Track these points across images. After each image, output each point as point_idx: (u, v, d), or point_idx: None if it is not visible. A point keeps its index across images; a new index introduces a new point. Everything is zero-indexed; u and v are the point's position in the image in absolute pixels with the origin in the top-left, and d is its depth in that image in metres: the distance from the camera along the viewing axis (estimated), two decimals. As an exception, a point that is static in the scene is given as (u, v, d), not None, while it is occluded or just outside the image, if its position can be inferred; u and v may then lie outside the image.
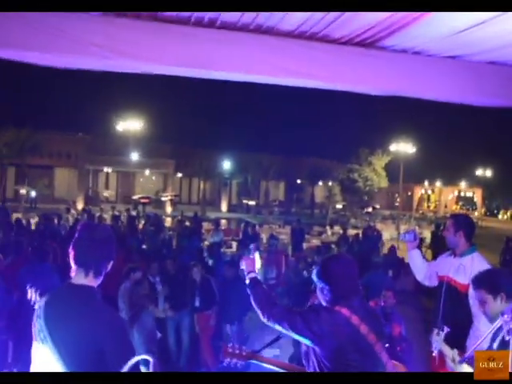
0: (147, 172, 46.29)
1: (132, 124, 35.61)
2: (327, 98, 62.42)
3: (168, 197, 40.64)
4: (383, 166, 38.92)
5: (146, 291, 6.27)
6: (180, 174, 47.14)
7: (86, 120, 47.29)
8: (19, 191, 34.62)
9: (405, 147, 35.09)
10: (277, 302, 2.81)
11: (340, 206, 43.98)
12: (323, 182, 47.83)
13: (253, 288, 2.84)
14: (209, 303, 6.75)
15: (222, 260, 10.25)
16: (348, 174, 39.30)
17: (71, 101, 56.71)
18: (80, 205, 34.55)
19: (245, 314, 6.71)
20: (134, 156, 39.14)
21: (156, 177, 47.61)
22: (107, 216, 20.05)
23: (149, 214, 22.03)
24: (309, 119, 79.58)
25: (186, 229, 14.95)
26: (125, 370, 2.02)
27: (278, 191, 53.36)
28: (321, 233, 24.37)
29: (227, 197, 47.95)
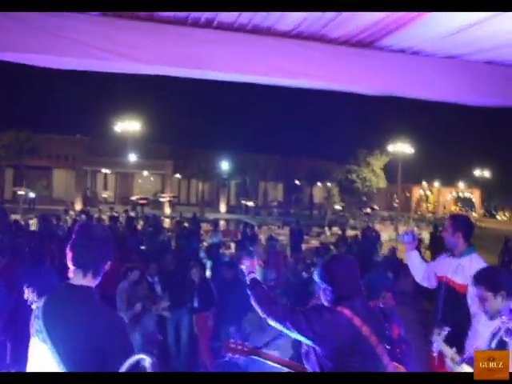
0: (145, 173, 46.30)
1: (130, 125, 35.69)
2: (325, 99, 62.59)
3: (166, 198, 40.62)
4: (381, 167, 39.00)
5: (145, 291, 6.26)
6: (178, 175, 47.12)
7: (84, 121, 47.40)
8: (17, 193, 34.56)
9: (403, 148, 35.13)
10: (278, 302, 2.80)
11: (339, 207, 43.98)
12: (322, 183, 47.87)
13: (253, 288, 2.83)
14: (207, 304, 6.74)
15: (221, 261, 10.23)
16: (346, 175, 39.38)
17: (69, 102, 56.76)
18: (78, 206, 34.50)
19: (244, 315, 6.70)
20: (133, 157, 39.19)
21: (154, 178, 47.59)
22: (105, 217, 20.01)
23: (147, 215, 21.99)
24: (307, 120, 79.72)
25: (185, 230, 14.92)
26: (123, 370, 2.02)
27: (277, 192, 53.37)
28: (320, 234, 24.35)
29: (226, 198, 47.96)
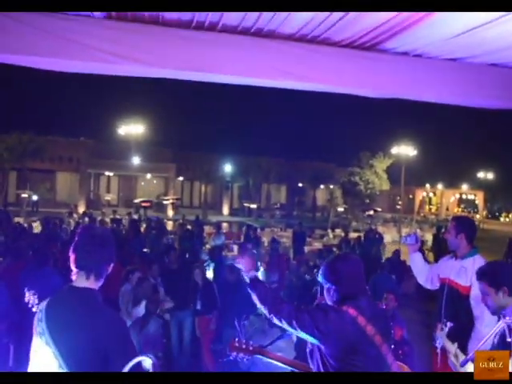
0: (149, 176, 46.33)
1: (134, 128, 35.74)
2: (328, 101, 62.54)
3: (169, 200, 40.62)
4: (384, 169, 38.90)
5: (149, 293, 6.26)
6: (181, 178, 47.15)
7: (88, 124, 47.45)
8: (21, 195, 34.63)
9: (406, 150, 35.01)
10: (282, 300, 2.78)
11: (341, 209, 43.90)
12: (325, 185, 47.78)
13: (255, 287, 2.75)
14: (209, 307, 6.73)
15: (224, 263, 10.23)
16: (349, 177, 39.29)
17: (73, 105, 56.79)
18: (82, 209, 34.54)
19: (247, 318, 6.68)
20: (136, 160, 39.21)
21: (157, 181, 47.61)
22: (109, 220, 20.04)
23: (150, 218, 22.01)
24: (310, 122, 79.57)
25: (188, 232, 14.93)
26: (126, 371, 2.02)
27: (280, 194, 53.31)
28: (322, 236, 24.34)
29: (229, 200, 47.94)
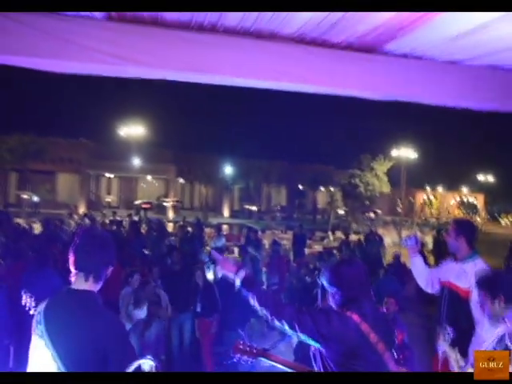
0: (149, 177, 46.34)
1: (134, 129, 35.79)
2: (328, 103, 62.51)
3: (170, 202, 40.65)
4: (385, 172, 38.84)
5: (150, 296, 6.26)
6: (182, 180, 47.16)
7: (89, 125, 47.54)
8: (21, 196, 34.64)
9: (406, 152, 35.04)
10: (283, 302, 2.75)
11: (342, 212, 43.88)
12: (325, 188, 47.77)
13: (251, 288, 2.62)
14: (210, 310, 6.71)
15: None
16: (350, 180, 39.24)
17: (74, 106, 56.89)
18: (82, 210, 34.54)
19: (247, 320, 6.67)
20: (136, 161, 39.25)
21: (158, 182, 47.62)
22: (109, 221, 20.03)
23: (151, 220, 22.00)
24: (310, 125, 79.60)
25: (188, 234, 14.92)
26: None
27: (280, 197, 53.30)
28: (323, 238, 24.28)
29: (229, 202, 47.95)
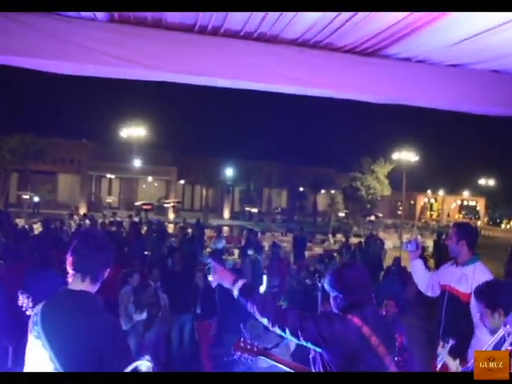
0: (150, 179, 46.38)
1: (135, 131, 35.82)
2: (329, 106, 62.59)
3: (171, 203, 40.63)
4: (386, 175, 38.86)
5: (151, 297, 6.25)
6: (183, 181, 47.20)
7: (90, 126, 47.45)
8: (22, 197, 34.64)
9: (407, 156, 35.02)
10: (282, 307, 2.74)
11: (342, 215, 43.83)
12: (326, 190, 47.77)
13: (250, 297, 2.63)
14: (209, 312, 6.71)
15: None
16: (351, 183, 39.26)
17: (75, 107, 56.94)
18: (83, 210, 34.55)
19: (247, 321, 6.66)
20: (137, 163, 39.28)
21: (158, 184, 47.63)
22: (107, 222, 20.03)
23: (151, 221, 22.01)
24: (311, 127, 79.69)
25: (189, 235, 14.93)
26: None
27: (281, 199, 53.28)
28: (323, 241, 24.28)
29: (230, 204, 47.96)
